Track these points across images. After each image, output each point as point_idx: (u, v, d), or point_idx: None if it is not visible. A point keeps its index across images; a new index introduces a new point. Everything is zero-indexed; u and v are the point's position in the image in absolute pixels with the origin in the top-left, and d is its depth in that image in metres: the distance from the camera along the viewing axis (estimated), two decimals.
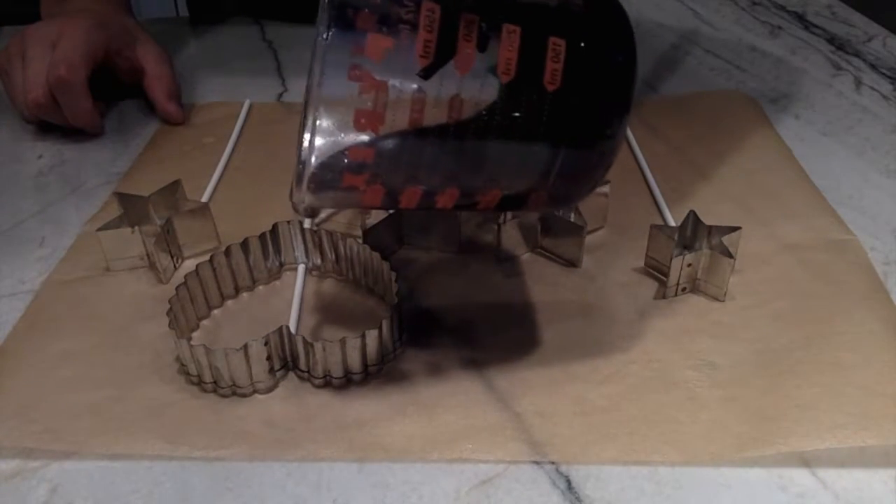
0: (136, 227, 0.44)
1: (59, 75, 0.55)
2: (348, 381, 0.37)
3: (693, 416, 0.35)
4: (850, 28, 0.77)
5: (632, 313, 0.41)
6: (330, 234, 0.43)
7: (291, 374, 0.38)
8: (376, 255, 0.41)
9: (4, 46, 0.61)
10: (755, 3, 0.85)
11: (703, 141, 0.57)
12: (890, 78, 0.67)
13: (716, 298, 0.42)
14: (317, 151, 0.30)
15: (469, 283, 0.44)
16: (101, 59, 0.59)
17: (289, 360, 0.38)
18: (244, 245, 0.43)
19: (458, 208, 0.34)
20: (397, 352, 0.39)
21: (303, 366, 0.37)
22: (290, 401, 0.37)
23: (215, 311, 0.42)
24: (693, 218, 0.43)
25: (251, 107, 0.64)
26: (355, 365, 0.37)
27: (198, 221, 0.46)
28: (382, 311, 0.41)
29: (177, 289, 0.39)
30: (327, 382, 0.37)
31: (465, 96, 0.30)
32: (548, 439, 0.34)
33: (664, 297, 0.42)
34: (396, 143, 0.30)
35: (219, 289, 0.42)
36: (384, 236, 0.45)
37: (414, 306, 0.42)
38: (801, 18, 0.80)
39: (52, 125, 0.60)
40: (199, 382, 0.37)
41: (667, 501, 0.32)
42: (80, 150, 0.59)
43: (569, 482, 0.33)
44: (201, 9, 0.84)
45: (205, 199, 0.51)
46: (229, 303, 0.43)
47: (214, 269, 0.42)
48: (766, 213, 0.48)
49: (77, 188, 0.54)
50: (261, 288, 0.44)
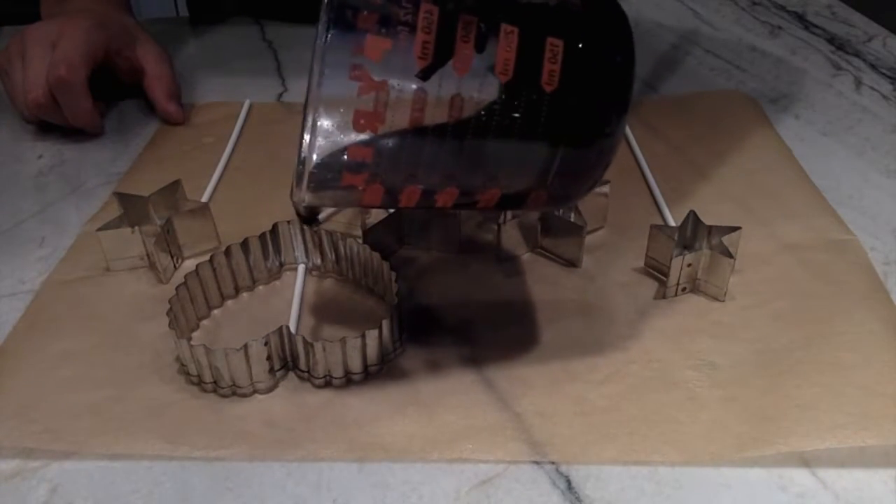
0: (136, 227, 0.44)
1: (59, 75, 0.55)
2: (348, 381, 0.37)
3: (693, 416, 0.35)
4: (850, 28, 0.77)
5: (632, 313, 0.41)
6: (330, 234, 0.43)
7: (291, 374, 0.38)
8: (376, 255, 0.41)
9: (4, 46, 0.61)
10: (755, 3, 0.85)
11: (703, 141, 0.57)
12: (890, 78, 0.67)
13: (716, 298, 0.42)
14: (316, 151, 0.30)
15: (469, 283, 0.44)
16: (101, 59, 0.60)
17: (289, 360, 0.38)
18: (244, 245, 0.43)
19: (458, 207, 0.34)
20: (397, 352, 0.39)
21: (303, 366, 0.37)
22: (290, 401, 0.37)
23: (215, 311, 0.42)
24: (693, 218, 0.43)
25: (251, 107, 0.64)
26: (355, 365, 0.37)
27: (198, 221, 0.46)
28: (382, 311, 0.41)
29: (177, 289, 0.39)
30: (327, 382, 0.37)
31: (464, 97, 0.30)
32: (548, 439, 0.34)
33: (664, 297, 0.42)
34: (395, 143, 0.30)
35: (219, 289, 0.42)
36: (384, 236, 0.45)
37: (414, 306, 0.42)
38: (801, 18, 0.80)
39: (52, 125, 0.60)
40: (199, 382, 0.37)
41: (667, 501, 0.32)
42: (80, 150, 0.59)
43: (569, 482, 0.33)
44: (201, 9, 0.85)
45: (205, 199, 0.51)
46: (229, 303, 0.43)
47: (214, 269, 0.42)
48: (766, 213, 0.48)
49: (77, 188, 0.54)
50: (261, 288, 0.44)
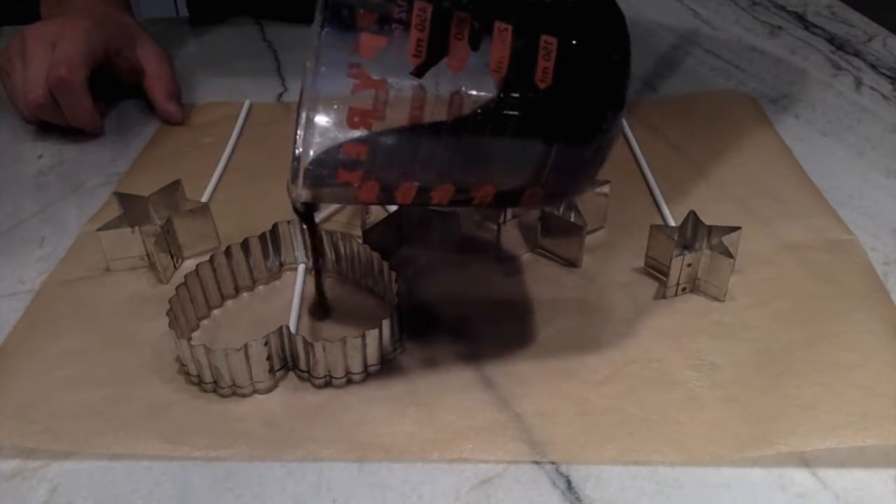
0: (136, 227, 0.44)
1: (59, 75, 0.55)
2: (348, 381, 0.37)
3: (693, 416, 0.35)
4: (850, 28, 0.77)
5: (632, 313, 0.41)
6: (330, 234, 0.43)
7: (291, 374, 0.38)
8: (376, 255, 0.41)
9: (4, 46, 0.61)
10: (755, 3, 0.85)
11: (703, 141, 0.57)
12: (890, 78, 0.67)
13: (716, 298, 0.42)
14: (311, 148, 0.30)
15: (469, 283, 0.44)
16: (101, 59, 0.60)
17: (289, 360, 0.38)
18: (244, 245, 0.43)
19: (454, 204, 0.34)
20: (397, 351, 0.39)
21: (303, 366, 0.37)
22: (290, 401, 0.37)
23: (215, 311, 0.42)
24: (693, 218, 0.43)
25: (251, 107, 0.64)
26: (355, 365, 0.37)
27: (198, 221, 0.46)
28: (382, 311, 0.41)
29: (177, 289, 0.39)
30: (328, 382, 0.37)
31: (458, 94, 0.30)
32: (548, 439, 0.34)
33: (664, 297, 0.42)
34: (390, 141, 0.30)
35: (219, 289, 0.42)
36: (384, 236, 0.45)
37: (414, 306, 0.42)
38: (801, 18, 0.80)
39: (52, 125, 0.60)
40: (199, 382, 0.37)
41: (667, 501, 0.32)
42: (80, 150, 0.59)
43: (569, 482, 0.33)
44: (201, 9, 0.84)
45: (205, 199, 0.51)
46: (229, 303, 0.43)
47: (214, 269, 0.42)
48: (766, 213, 0.48)
49: (77, 188, 0.54)
50: (261, 288, 0.44)
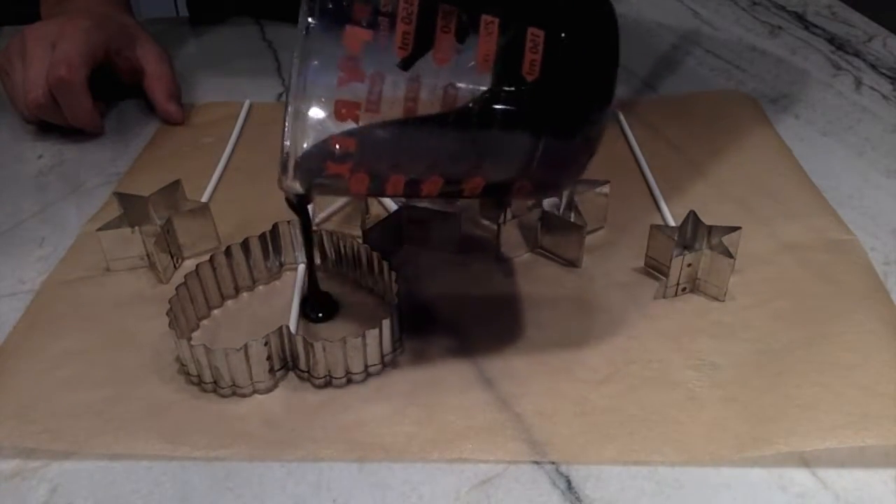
0: (136, 227, 0.44)
1: (59, 75, 0.55)
2: (349, 381, 0.37)
3: (693, 416, 0.35)
4: (850, 28, 0.77)
5: (632, 313, 0.41)
6: (330, 234, 0.43)
7: (291, 374, 0.38)
8: (376, 255, 0.41)
9: (4, 46, 0.61)
10: (755, 3, 0.85)
11: (703, 141, 0.57)
12: (890, 78, 0.67)
13: (716, 298, 0.42)
14: (299, 141, 0.30)
15: (469, 283, 0.44)
16: (101, 59, 0.60)
17: (289, 360, 0.38)
18: (244, 245, 0.43)
19: (444, 195, 0.34)
20: (397, 352, 0.39)
21: (303, 366, 0.37)
22: (290, 401, 0.37)
23: (215, 311, 0.42)
24: (693, 218, 0.43)
25: (251, 107, 0.64)
26: (355, 365, 0.37)
27: (198, 221, 0.46)
28: (382, 311, 0.41)
29: (177, 289, 0.39)
30: (328, 382, 0.37)
31: (445, 87, 0.30)
32: (548, 439, 0.34)
33: (664, 297, 0.42)
34: (377, 133, 0.31)
35: (219, 289, 0.42)
36: (384, 236, 0.45)
37: (414, 306, 0.42)
38: (801, 18, 0.80)
39: (52, 125, 0.60)
40: (199, 382, 0.37)
41: (667, 501, 0.32)
42: (80, 150, 0.59)
43: (569, 482, 0.33)
44: (201, 9, 0.84)
45: (205, 199, 0.51)
46: (229, 303, 0.43)
47: (214, 269, 0.42)
48: (766, 213, 0.48)
49: (77, 188, 0.54)
50: (261, 288, 0.44)
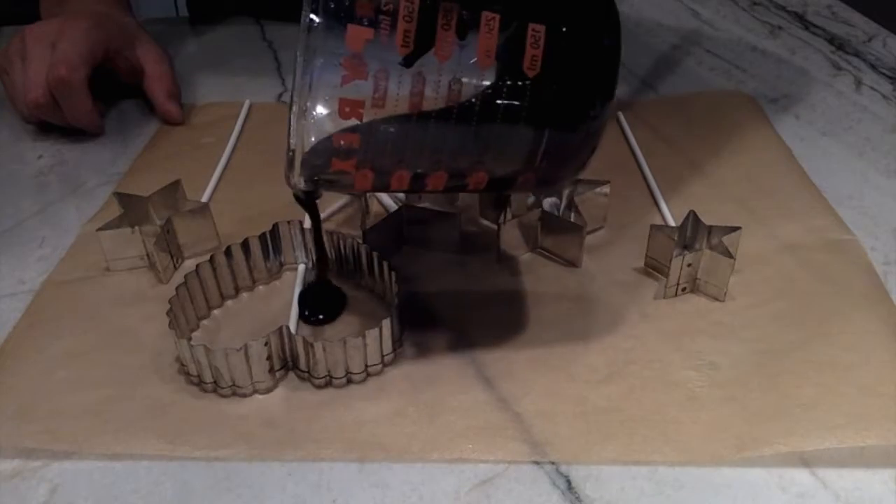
0: (136, 227, 0.44)
1: (59, 75, 0.55)
2: (349, 381, 0.37)
3: (693, 416, 0.35)
4: (850, 28, 0.77)
5: (632, 313, 0.41)
6: (330, 233, 0.43)
7: (291, 374, 0.38)
8: (376, 254, 0.41)
9: (4, 46, 0.61)
10: (755, 3, 0.85)
11: (703, 141, 0.57)
12: (890, 78, 0.67)
13: (716, 298, 0.42)
14: (304, 139, 0.31)
15: (469, 283, 0.44)
16: (101, 59, 0.59)
17: (289, 360, 0.38)
18: (244, 245, 0.43)
19: (449, 190, 0.34)
20: (397, 352, 0.39)
21: (303, 366, 0.37)
22: (290, 401, 0.37)
23: (215, 311, 0.42)
24: (693, 218, 0.43)
25: (251, 107, 0.64)
26: (356, 365, 0.37)
27: (198, 221, 0.46)
28: (382, 311, 0.41)
29: (177, 289, 0.39)
30: (328, 382, 0.37)
31: (448, 83, 0.30)
32: (548, 439, 0.34)
33: (664, 297, 0.42)
34: (381, 130, 0.31)
35: (219, 289, 0.42)
36: (384, 236, 0.45)
37: (414, 306, 0.42)
38: (801, 18, 0.80)
39: (52, 125, 0.60)
40: (199, 382, 0.37)
41: (667, 501, 0.32)
42: (80, 150, 0.59)
43: (569, 482, 0.33)
44: (201, 9, 0.84)
45: (205, 199, 0.51)
46: (229, 303, 0.43)
47: (214, 269, 0.42)
48: (766, 213, 0.48)
49: (77, 188, 0.54)
50: (261, 288, 0.44)
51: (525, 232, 0.46)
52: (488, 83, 0.31)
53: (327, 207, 0.49)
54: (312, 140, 0.31)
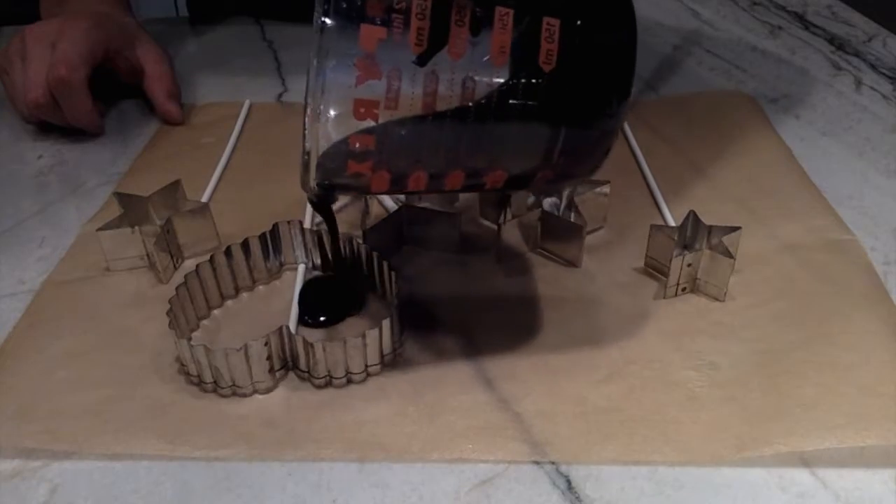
0: (136, 227, 0.44)
1: (59, 75, 0.55)
2: (349, 381, 0.37)
3: (693, 416, 0.35)
4: (850, 28, 0.77)
5: (632, 313, 0.41)
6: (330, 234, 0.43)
7: (291, 374, 0.38)
8: (376, 254, 0.41)
9: (4, 46, 0.61)
10: (755, 3, 0.85)
11: (703, 141, 0.57)
12: (890, 78, 0.67)
13: (716, 298, 0.42)
14: (320, 141, 0.30)
15: (469, 283, 0.44)
16: (101, 59, 0.59)
17: (289, 360, 0.38)
18: (244, 245, 0.43)
19: (466, 189, 0.34)
20: (397, 352, 0.39)
21: (303, 366, 0.37)
22: (290, 401, 0.37)
23: (215, 311, 0.42)
24: (693, 218, 0.43)
25: (251, 107, 0.64)
26: (356, 365, 0.37)
27: (198, 221, 0.46)
28: (382, 311, 0.41)
29: (177, 289, 0.39)
30: (328, 382, 0.37)
31: (462, 81, 0.30)
32: (548, 439, 0.34)
33: (664, 297, 0.42)
34: (397, 130, 0.31)
35: (219, 289, 0.42)
36: (384, 236, 0.45)
37: (414, 306, 0.42)
38: (801, 18, 0.80)
39: (52, 125, 0.60)
40: (199, 382, 0.37)
41: (667, 501, 0.32)
42: (80, 150, 0.59)
43: (569, 482, 0.33)
44: (201, 9, 0.84)
45: (205, 199, 0.51)
46: (229, 303, 0.43)
47: (214, 269, 0.42)
48: (766, 213, 0.48)
49: (77, 188, 0.54)
50: (261, 288, 0.44)
51: (525, 232, 0.46)
52: (503, 80, 0.30)
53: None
54: (328, 143, 0.30)
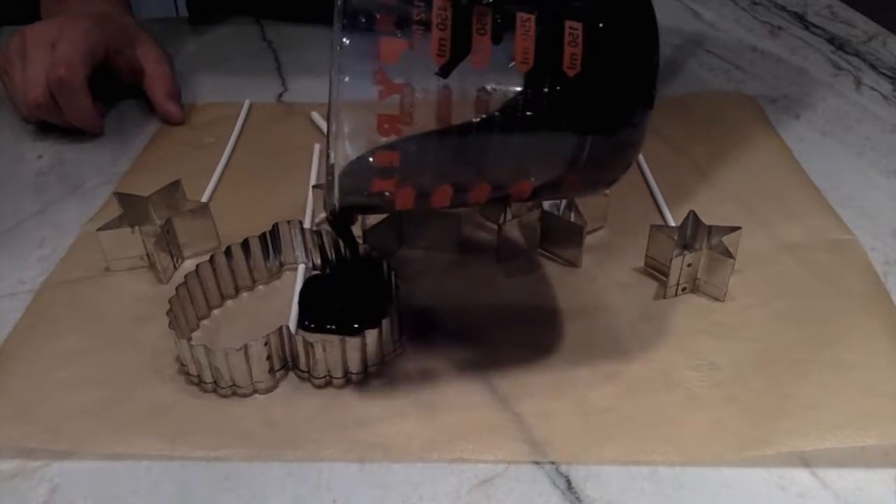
0: (136, 227, 0.44)
1: (59, 75, 0.55)
2: (348, 381, 0.37)
3: (693, 416, 0.35)
4: (850, 28, 0.77)
5: (632, 313, 0.41)
6: (330, 234, 0.43)
7: (291, 374, 0.38)
8: (376, 254, 0.41)
9: (4, 46, 0.61)
10: (755, 3, 0.85)
11: (703, 141, 0.57)
12: (890, 78, 0.67)
13: (716, 298, 0.42)
14: (344, 159, 0.30)
15: (469, 283, 0.44)
16: (101, 59, 0.59)
17: (289, 360, 0.38)
18: (244, 245, 0.43)
19: (492, 202, 0.33)
20: (397, 352, 0.39)
21: (303, 366, 0.37)
22: (290, 401, 0.37)
23: (215, 311, 0.42)
24: (693, 218, 0.43)
25: (251, 107, 0.64)
26: (355, 365, 0.37)
27: (198, 221, 0.46)
28: (382, 311, 0.41)
29: (177, 289, 0.39)
30: (327, 382, 0.37)
31: (487, 91, 0.29)
32: (548, 439, 0.34)
33: (664, 297, 0.42)
34: (421, 145, 0.30)
35: (219, 289, 0.42)
36: (384, 236, 0.45)
37: (414, 306, 0.42)
38: (801, 18, 0.80)
39: (52, 125, 0.60)
40: (199, 382, 0.37)
41: (667, 501, 0.32)
42: (80, 150, 0.59)
43: (569, 482, 0.33)
44: (201, 9, 0.84)
45: (205, 199, 0.51)
46: (229, 303, 0.43)
47: (214, 269, 0.42)
48: (766, 213, 0.48)
49: (77, 188, 0.54)
50: (261, 288, 0.44)
51: (525, 232, 0.46)
52: (529, 86, 0.30)
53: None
54: (352, 160, 0.30)
